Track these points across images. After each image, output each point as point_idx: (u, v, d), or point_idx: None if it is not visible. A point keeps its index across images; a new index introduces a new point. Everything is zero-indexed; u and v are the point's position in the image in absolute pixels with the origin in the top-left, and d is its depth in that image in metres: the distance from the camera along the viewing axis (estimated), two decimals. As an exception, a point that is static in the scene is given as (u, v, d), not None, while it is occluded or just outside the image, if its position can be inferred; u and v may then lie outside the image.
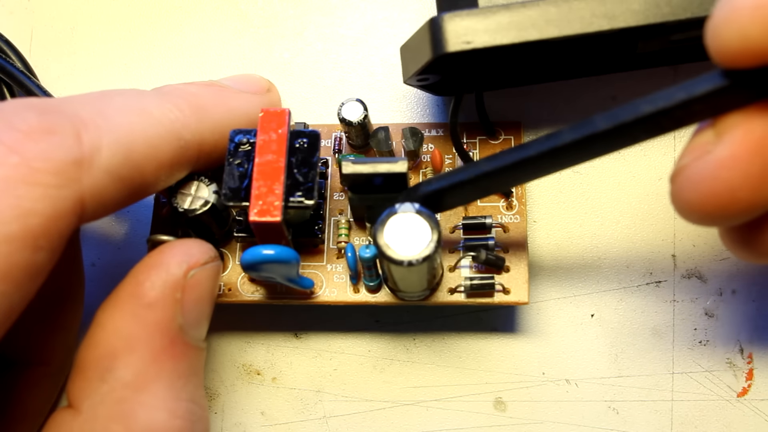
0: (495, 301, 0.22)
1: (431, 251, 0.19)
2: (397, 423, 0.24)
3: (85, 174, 0.17)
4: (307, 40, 0.28)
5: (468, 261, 0.23)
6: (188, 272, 0.19)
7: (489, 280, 0.22)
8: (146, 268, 0.19)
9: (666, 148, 0.25)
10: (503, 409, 0.24)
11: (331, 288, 0.23)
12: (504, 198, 0.24)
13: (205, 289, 0.20)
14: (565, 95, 0.26)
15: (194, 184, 0.21)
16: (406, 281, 0.21)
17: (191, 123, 0.20)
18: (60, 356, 0.23)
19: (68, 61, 0.28)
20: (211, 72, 0.28)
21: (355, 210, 0.23)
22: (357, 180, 0.21)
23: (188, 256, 0.19)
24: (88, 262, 0.26)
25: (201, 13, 0.28)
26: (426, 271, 0.20)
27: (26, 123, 0.17)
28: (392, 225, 0.19)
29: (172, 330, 0.18)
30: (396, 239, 0.19)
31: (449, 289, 0.23)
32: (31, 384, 0.22)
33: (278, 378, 0.25)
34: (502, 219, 0.23)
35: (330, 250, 0.23)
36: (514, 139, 0.24)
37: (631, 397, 0.23)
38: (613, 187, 0.25)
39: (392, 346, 0.25)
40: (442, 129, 0.25)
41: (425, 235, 0.19)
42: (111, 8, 0.29)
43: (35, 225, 0.16)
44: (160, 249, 0.20)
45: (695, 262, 0.24)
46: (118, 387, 0.18)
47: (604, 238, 0.25)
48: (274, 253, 0.20)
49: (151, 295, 0.18)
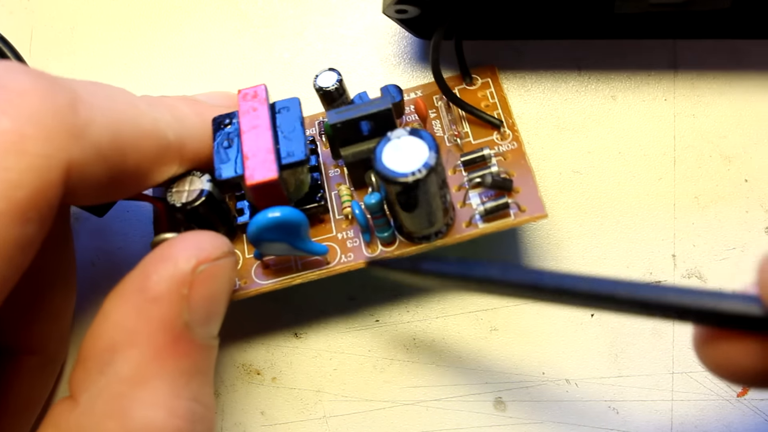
0: (514, 221, 0.22)
1: (434, 161, 0.19)
2: (397, 423, 0.24)
3: (74, 145, 0.16)
4: (307, 39, 0.28)
5: (476, 193, 0.22)
6: (197, 267, 0.18)
7: (501, 200, 0.22)
8: (154, 261, 0.18)
9: (666, 147, 0.25)
10: (503, 409, 0.24)
11: (347, 254, 0.23)
12: (496, 129, 0.24)
13: (217, 286, 0.19)
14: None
15: (187, 179, 0.21)
16: (418, 213, 0.21)
17: (173, 125, 0.20)
18: (54, 345, 0.23)
19: (68, 61, 0.28)
20: (211, 72, 0.28)
21: (352, 171, 0.23)
22: (345, 128, 0.21)
23: (198, 250, 0.19)
24: (88, 261, 0.26)
25: (201, 13, 0.28)
26: (435, 193, 0.20)
27: (20, 83, 0.16)
28: (390, 151, 0.19)
29: (176, 326, 0.18)
30: (397, 162, 0.19)
31: (465, 223, 0.22)
32: (26, 373, 0.22)
33: (278, 378, 0.25)
34: (499, 149, 0.23)
35: (337, 220, 0.23)
36: (491, 81, 0.25)
37: (631, 397, 0.23)
38: (613, 187, 0.25)
39: (392, 345, 0.25)
40: (420, 90, 0.25)
41: (423, 150, 0.19)
42: (111, 8, 0.29)
43: (23, 197, 0.15)
44: (170, 242, 0.19)
45: (695, 261, 0.24)
46: (115, 381, 0.17)
47: (604, 237, 0.25)
48: (279, 214, 0.20)
49: (156, 289, 0.18)
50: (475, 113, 0.24)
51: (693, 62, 0.26)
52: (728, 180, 0.25)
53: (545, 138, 0.26)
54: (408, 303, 0.25)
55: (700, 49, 0.26)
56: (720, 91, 0.25)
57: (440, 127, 0.24)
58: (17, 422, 0.22)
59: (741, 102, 0.25)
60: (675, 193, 0.25)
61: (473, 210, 0.22)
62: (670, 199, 0.25)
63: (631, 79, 0.26)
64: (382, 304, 0.25)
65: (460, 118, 0.24)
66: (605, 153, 0.25)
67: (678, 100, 0.26)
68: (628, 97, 0.26)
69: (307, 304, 0.25)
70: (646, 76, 0.26)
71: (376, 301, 0.25)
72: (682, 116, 0.25)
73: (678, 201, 0.25)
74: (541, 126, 0.26)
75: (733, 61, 0.26)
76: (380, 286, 0.25)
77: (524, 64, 0.26)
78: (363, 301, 0.25)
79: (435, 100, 0.25)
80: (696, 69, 0.26)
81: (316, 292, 0.25)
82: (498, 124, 0.24)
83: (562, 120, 0.26)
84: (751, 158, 0.25)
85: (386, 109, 0.21)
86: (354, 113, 0.21)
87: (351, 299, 0.25)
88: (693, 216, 0.25)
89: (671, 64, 0.26)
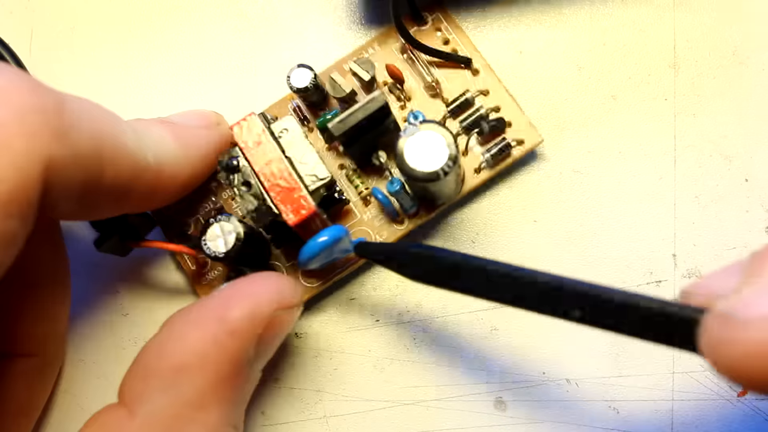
0: (516, 156, 0.24)
1: (455, 150, 0.20)
2: (397, 423, 0.24)
3: (55, 145, 0.16)
4: (308, 39, 0.28)
5: (474, 139, 0.24)
6: (276, 311, 0.19)
7: (502, 143, 0.24)
8: (238, 294, 0.19)
9: (666, 147, 0.25)
10: (503, 408, 0.24)
11: (379, 233, 0.24)
12: (466, 68, 0.25)
13: (283, 330, 0.20)
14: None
15: (214, 227, 0.21)
16: (444, 189, 0.22)
17: (153, 148, 0.20)
18: (50, 347, 0.23)
19: (68, 61, 0.28)
20: (211, 72, 0.28)
21: (357, 158, 0.24)
22: (349, 133, 0.22)
23: (279, 295, 0.20)
24: (89, 261, 0.26)
25: (201, 12, 0.28)
26: (456, 172, 0.21)
27: (6, 81, 0.16)
28: (410, 150, 0.20)
29: (242, 361, 0.19)
30: (420, 158, 0.20)
31: (474, 170, 0.24)
32: (23, 376, 0.22)
33: (278, 378, 0.25)
34: (476, 86, 0.25)
35: (356, 203, 0.24)
36: (442, 16, 0.26)
37: (631, 397, 0.23)
38: (613, 187, 0.25)
39: (392, 345, 0.25)
40: (376, 43, 0.26)
41: (440, 140, 0.20)
42: (111, 8, 0.29)
43: (4, 191, 0.15)
44: (254, 279, 0.20)
45: (696, 261, 0.24)
46: (178, 403, 0.18)
47: (604, 237, 0.25)
48: (328, 238, 0.21)
49: (237, 324, 0.19)
50: (443, 56, 0.25)
51: (693, 62, 0.26)
52: (729, 179, 0.25)
53: (545, 138, 0.26)
54: (408, 303, 0.25)
55: (700, 48, 0.26)
56: (720, 90, 0.25)
57: (413, 81, 0.25)
58: (16, 425, 0.22)
59: (741, 102, 0.25)
60: (675, 193, 0.25)
61: (479, 158, 0.24)
62: (671, 198, 0.25)
63: (632, 78, 0.26)
64: (382, 304, 0.25)
65: (429, 64, 0.25)
66: (605, 152, 0.25)
67: (678, 100, 0.26)
68: (629, 97, 0.26)
69: (307, 304, 0.25)
70: (646, 76, 0.26)
71: (376, 301, 0.25)
72: (683, 116, 0.25)
73: (678, 200, 0.25)
74: (541, 126, 0.26)
75: (734, 61, 0.26)
76: (380, 285, 0.25)
77: (524, 64, 0.26)
78: (363, 301, 0.25)
79: (394, 51, 0.25)
80: (696, 69, 0.26)
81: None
82: (467, 62, 0.25)
83: (562, 120, 0.26)
84: (751, 158, 0.25)
85: (382, 105, 0.21)
86: (354, 118, 0.21)
87: (351, 299, 0.25)
88: (693, 215, 0.25)
89: (671, 63, 0.26)
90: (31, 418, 0.23)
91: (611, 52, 0.26)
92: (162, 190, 0.21)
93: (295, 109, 0.25)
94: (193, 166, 0.22)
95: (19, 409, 0.22)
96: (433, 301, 0.25)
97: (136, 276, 0.26)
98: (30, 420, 0.23)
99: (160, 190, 0.21)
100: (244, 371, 0.19)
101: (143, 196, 0.20)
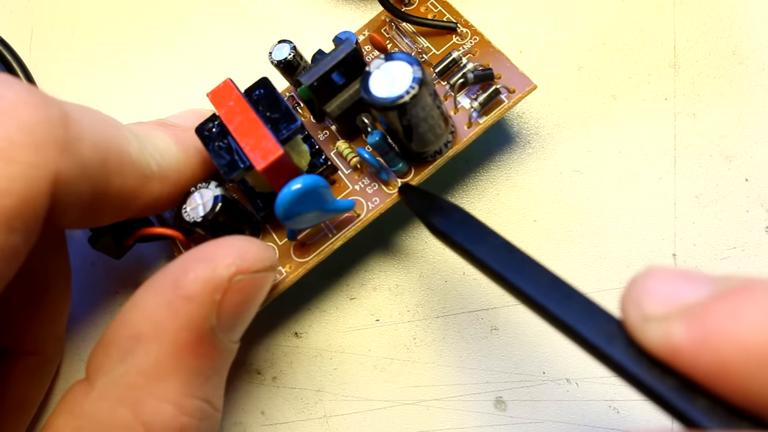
0: (509, 104, 0.23)
1: (420, 73, 0.19)
2: (398, 422, 0.24)
3: (62, 158, 0.16)
4: (308, 39, 0.28)
5: (463, 95, 0.23)
6: (235, 276, 0.18)
7: (491, 89, 0.23)
8: (195, 259, 0.18)
9: (666, 147, 0.25)
10: (504, 408, 0.24)
11: (372, 200, 0.23)
12: (453, 32, 0.25)
13: (248, 297, 0.19)
14: None
15: (194, 194, 0.21)
16: (423, 130, 0.21)
17: (156, 156, 0.20)
18: (50, 346, 0.23)
19: (68, 61, 0.28)
20: (211, 72, 0.28)
21: (341, 124, 0.23)
22: (321, 84, 0.21)
23: (240, 259, 0.18)
24: (88, 261, 0.26)
25: (201, 12, 0.28)
26: (432, 105, 0.20)
27: (12, 94, 0.16)
28: (376, 82, 0.20)
29: (202, 328, 0.18)
30: (387, 89, 0.20)
31: (466, 125, 0.23)
32: (22, 374, 0.22)
33: (278, 377, 0.25)
34: (463, 48, 0.24)
35: (348, 175, 0.24)
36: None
37: (631, 397, 0.23)
38: (613, 187, 0.25)
39: (392, 345, 0.25)
40: (366, 30, 0.26)
41: (406, 69, 0.20)
42: (111, 8, 0.29)
43: (10, 206, 0.15)
44: (214, 242, 0.19)
45: (696, 261, 0.24)
46: (134, 372, 0.17)
47: (604, 237, 0.25)
48: (301, 185, 0.20)
49: (190, 288, 0.18)
50: (428, 23, 0.25)
51: (693, 62, 0.26)
52: (729, 179, 0.25)
53: (545, 137, 0.26)
54: (408, 303, 0.25)
55: (700, 48, 0.26)
56: (720, 90, 0.25)
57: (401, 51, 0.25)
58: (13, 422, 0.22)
59: (741, 101, 0.25)
60: (675, 193, 0.25)
61: (468, 110, 0.23)
62: (671, 198, 0.25)
63: (632, 78, 0.26)
64: (382, 303, 0.25)
65: (415, 35, 0.25)
66: (606, 152, 0.25)
67: (678, 100, 0.26)
68: (629, 97, 0.26)
69: (307, 304, 0.25)
70: (646, 76, 0.26)
71: (376, 301, 0.25)
72: (683, 115, 0.25)
73: (678, 200, 0.25)
74: (541, 125, 0.26)
75: (734, 60, 0.26)
76: (380, 285, 0.25)
77: (524, 64, 0.26)
78: (363, 301, 0.25)
79: (385, 33, 0.25)
80: (696, 68, 0.26)
81: (317, 291, 0.25)
82: (453, 26, 0.25)
83: (562, 119, 0.26)
84: (751, 157, 0.25)
85: (353, 50, 0.21)
86: (324, 66, 0.21)
87: (351, 299, 0.25)
88: (693, 215, 0.25)
89: (671, 63, 0.26)
90: (28, 415, 0.23)
91: (611, 52, 0.26)
92: (166, 195, 0.21)
93: (291, 98, 0.25)
94: (193, 168, 0.22)
95: (17, 406, 0.23)
96: (434, 301, 0.25)
97: (134, 276, 0.26)
98: (27, 417, 0.23)
99: (164, 196, 0.21)
100: (206, 339, 0.18)
101: (147, 203, 0.20)
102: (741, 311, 0.12)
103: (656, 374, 0.13)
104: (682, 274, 0.14)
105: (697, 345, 0.12)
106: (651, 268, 0.14)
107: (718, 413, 0.12)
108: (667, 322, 0.13)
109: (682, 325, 0.13)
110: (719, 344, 0.12)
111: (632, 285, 0.14)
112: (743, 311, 0.12)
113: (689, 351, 0.12)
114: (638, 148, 0.25)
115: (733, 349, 0.12)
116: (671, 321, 0.13)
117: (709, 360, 0.12)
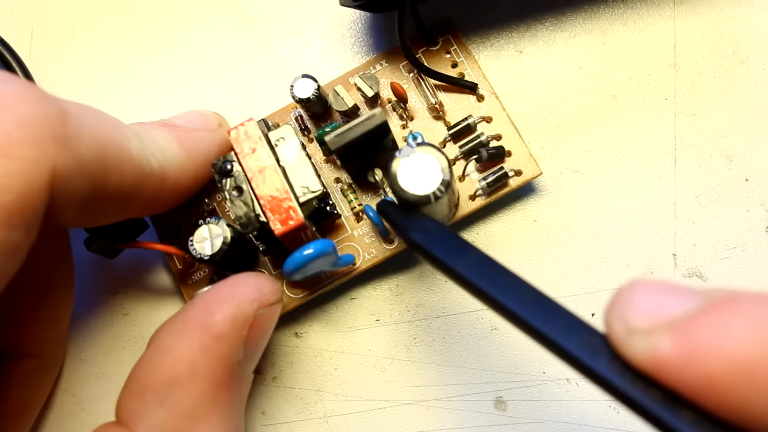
0: (513, 186, 0.24)
1: (449, 176, 0.20)
2: (398, 422, 0.24)
3: (60, 154, 0.16)
4: (308, 39, 0.28)
5: (472, 165, 0.24)
6: (258, 310, 0.19)
7: (500, 172, 0.24)
8: (219, 299, 0.19)
9: (666, 146, 0.25)
10: (504, 408, 0.24)
11: (368, 251, 0.24)
12: (471, 93, 0.25)
13: (268, 328, 0.20)
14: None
15: (202, 228, 0.21)
16: (436, 213, 0.21)
17: (157, 154, 0.20)
18: (52, 348, 0.23)
19: (68, 61, 0.28)
20: (211, 72, 0.28)
21: (353, 173, 0.24)
22: (346, 148, 0.21)
23: (260, 294, 0.20)
24: (89, 261, 0.26)
25: (201, 12, 0.28)
26: (450, 197, 0.21)
27: (11, 91, 0.16)
28: (404, 172, 0.20)
29: (233, 363, 0.19)
30: (413, 180, 0.20)
31: (469, 197, 0.24)
32: (24, 376, 0.22)
33: (278, 377, 0.25)
34: (480, 112, 0.24)
35: (347, 218, 0.24)
36: (452, 38, 0.25)
37: (631, 397, 0.23)
38: (613, 187, 0.25)
39: (392, 345, 0.25)
40: (384, 60, 0.25)
41: (435, 164, 0.20)
42: (111, 8, 0.29)
43: (9, 201, 0.15)
44: (233, 281, 0.20)
45: (696, 261, 0.24)
46: (176, 415, 0.18)
47: (604, 237, 0.25)
48: (313, 251, 0.20)
49: (220, 328, 0.19)
50: (449, 80, 0.24)
51: (693, 62, 0.26)
52: (729, 179, 0.25)
53: (545, 137, 0.26)
54: (408, 303, 0.25)
55: (700, 48, 0.26)
56: (720, 90, 0.25)
57: (417, 101, 0.25)
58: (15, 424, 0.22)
59: (741, 101, 0.25)
60: (675, 193, 0.25)
61: (476, 184, 0.24)
62: (671, 198, 0.25)
63: (632, 78, 0.26)
64: (382, 304, 0.25)
65: (434, 87, 0.25)
66: (606, 152, 0.25)
67: (678, 100, 0.26)
68: (629, 97, 0.26)
69: (307, 304, 0.25)
70: (646, 76, 0.26)
71: (376, 301, 0.25)
72: (683, 115, 0.25)
73: (678, 200, 0.25)
74: (541, 125, 0.26)
75: (734, 60, 0.26)
76: (380, 285, 0.25)
77: (524, 64, 0.26)
78: (363, 301, 0.25)
79: (402, 69, 0.25)
80: (696, 68, 0.26)
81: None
82: (473, 87, 0.24)
83: (562, 119, 0.26)
84: (751, 157, 0.25)
85: (381, 123, 0.21)
86: (352, 134, 0.21)
87: (351, 299, 0.25)
88: (694, 215, 0.25)
89: (671, 63, 0.26)
90: (30, 416, 0.23)
91: (611, 52, 0.26)
92: (166, 195, 0.21)
93: (297, 119, 0.25)
94: (196, 170, 0.22)
95: (19, 408, 0.22)
96: (433, 301, 0.25)
97: (135, 276, 0.26)
98: (29, 419, 0.23)
99: (164, 196, 0.21)
100: (236, 374, 0.19)
101: (147, 202, 0.20)
102: (727, 325, 0.12)
103: (641, 387, 0.13)
104: (668, 286, 0.14)
105: (683, 358, 0.12)
106: (636, 281, 0.14)
107: (702, 426, 0.12)
108: (653, 335, 0.13)
109: (668, 338, 0.13)
110: (705, 357, 0.12)
111: (617, 298, 0.14)
112: (729, 325, 0.12)
113: (674, 364, 0.12)
114: (638, 148, 0.25)
115: (719, 363, 0.12)
116: (656, 334, 0.13)
117: (694, 373, 0.12)
